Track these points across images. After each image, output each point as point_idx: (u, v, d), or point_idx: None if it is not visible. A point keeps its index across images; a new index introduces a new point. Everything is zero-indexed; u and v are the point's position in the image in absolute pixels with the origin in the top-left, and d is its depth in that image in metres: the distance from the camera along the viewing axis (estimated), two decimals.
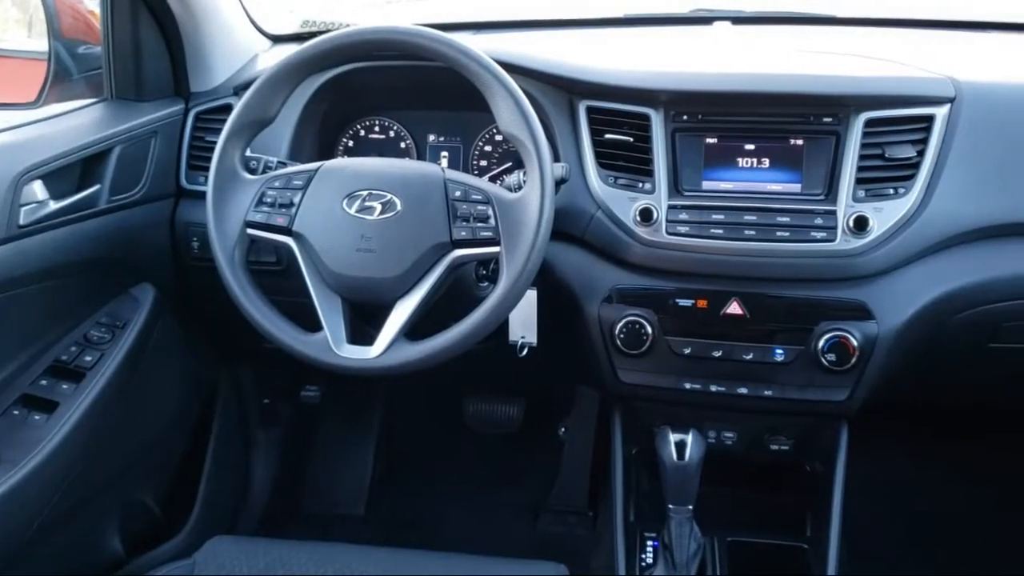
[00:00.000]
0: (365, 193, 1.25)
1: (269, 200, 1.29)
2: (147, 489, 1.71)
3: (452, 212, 1.23)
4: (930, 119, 1.37)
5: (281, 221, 1.27)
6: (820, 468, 1.53)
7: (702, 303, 1.39)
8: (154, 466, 1.72)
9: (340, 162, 1.34)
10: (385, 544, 1.28)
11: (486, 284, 1.40)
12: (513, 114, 1.22)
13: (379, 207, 1.24)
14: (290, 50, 1.31)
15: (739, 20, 1.86)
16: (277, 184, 1.29)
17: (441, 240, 1.22)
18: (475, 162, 1.64)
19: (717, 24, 1.86)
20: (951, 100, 1.38)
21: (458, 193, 1.24)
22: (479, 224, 1.22)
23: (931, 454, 2.07)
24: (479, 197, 1.23)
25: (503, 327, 1.43)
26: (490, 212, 1.22)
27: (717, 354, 1.40)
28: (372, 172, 1.28)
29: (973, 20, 1.89)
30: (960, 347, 1.44)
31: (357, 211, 1.25)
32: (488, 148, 1.63)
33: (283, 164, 1.38)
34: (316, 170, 1.30)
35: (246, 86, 1.36)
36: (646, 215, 1.37)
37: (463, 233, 1.22)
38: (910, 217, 1.34)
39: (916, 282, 1.37)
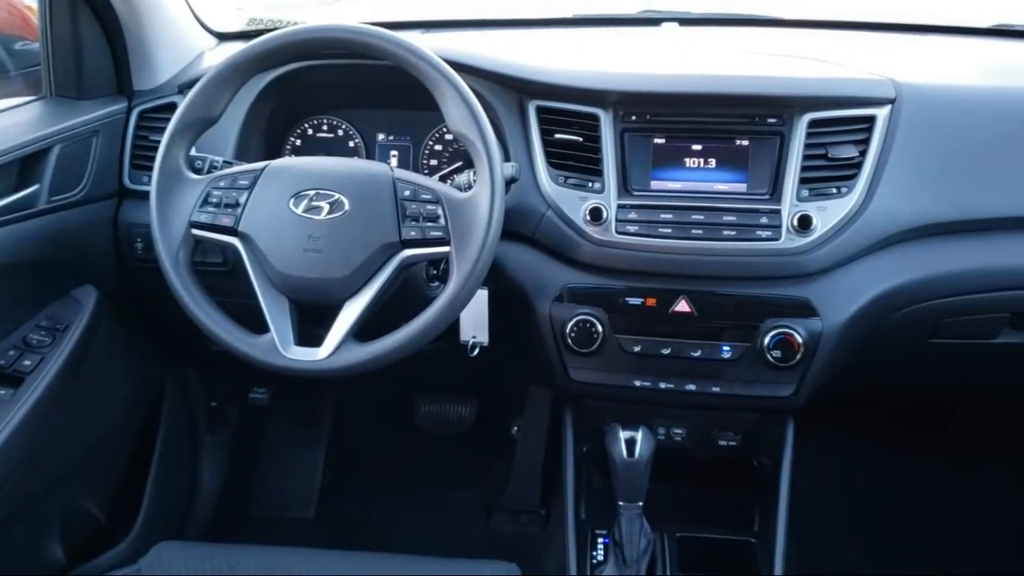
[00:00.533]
0: (312, 193, 1.24)
1: (214, 200, 1.27)
2: (90, 495, 1.68)
3: (401, 212, 1.22)
4: (871, 120, 1.40)
5: (227, 221, 1.26)
6: (767, 463, 1.55)
7: (651, 302, 1.41)
8: (97, 472, 1.69)
9: (287, 161, 1.32)
10: (336, 547, 1.27)
11: (436, 284, 1.40)
12: (462, 113, 1.21)
13: (327, 207, 1.23)
14: (236, 48, 1.29)
15: (686, 21, 1.88)
16: (222, 184, 1.28)
17: (390, 240, 1.22)
18: (425, 161, 1.64)
19: (665, 25, 1.88)
20: (892, 101, 1.41)
21: (407, 192, 1.23)
22: (429, 224, 1.22)
23: (875, 448, 2.12)
24: (428, 196, 1.23)
25: (454, 327, 1.43)
26: (440, 212, 1.22)
27: (666, 352, 1.42)
28: (319, 171, 1.27)
29: (914, 23, 1.93)
30: (901, 343, 1.47)
31: (304, 211, 1.24)
32: (438, 147, 1.63)
33: (229, 164, 1.36)
34: (262, 169, 1.28)
35: (191, 84, 1.34)
36: (596, 215, 1.38)
37: (412, 233, 1.22)
38: (852, 216, 1.37)
39: (859, 280, 1.40)
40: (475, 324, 1.45)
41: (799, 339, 1.37)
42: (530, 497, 2.07)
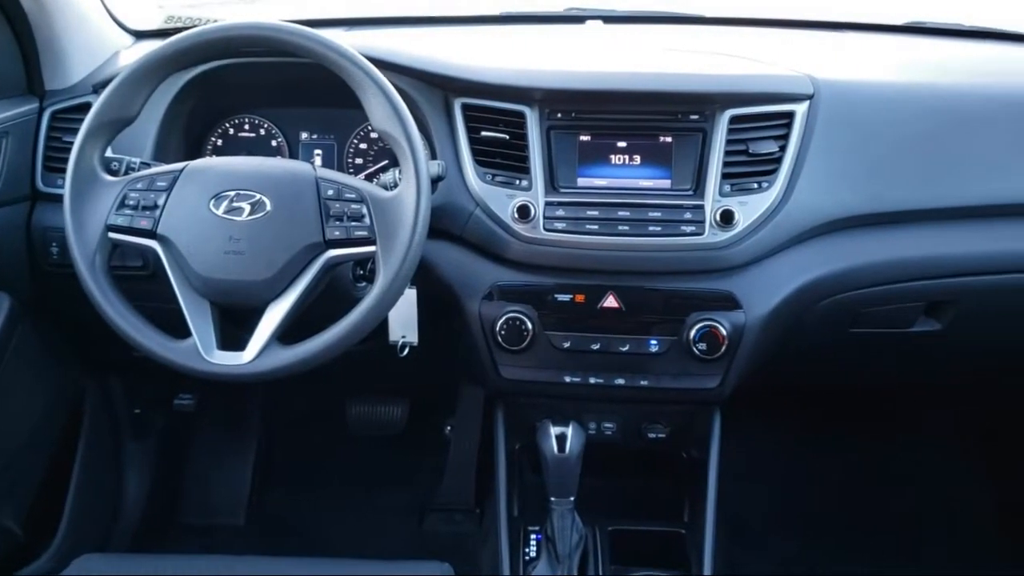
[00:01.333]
0: (233, 193, 1.22)
1: (132, 202, 1.24)
2: (6, 509, 1.62)
3: (325, 211, 1.21)
4: (790, 116, 1.42)
5: (145, 224, 1.23)
6: (696, 454, 1.58)
7: (580, 298, 1.41)
8: (14, 484, 1.63)
9: (206, 162, 1.30)
10: (267, 552, 1.25)
11: (364, 284, 1.38)
12: (385, 111, 1.21)
13: (248, 207, 1.21)
14: (153, 47, 1.26)
15: (610, 19, 1.90)
16: (140, 186, 1.25)
17: (314, 240, 1.20)
18: (350, 160, 1.62)
19: (590, 23, 1.89)
20: (809, 97, 1.44)
21: (331, 192, 1.22)
22: (353, 223, 1.20)
23: (801, 436, 2.17)
24: (353, 196, 1.21)
25: (383, 327, 1.41)
26: (365, 211, 1.21)
27: (595, 347, 1.43)
28: (240, 171, 1.24)
29: (831, 20, 1.98)
30: (822, 333, 1.50)
31: (225, 212, 1.21)
32: (363, 146, 1.61)
33: (147, 165, 1.33)
34: (181, 170, 1.25)
35: (105, 84, 1.30)
36: (524, 212, 1.38)
37: (337, 233, 1.20)
38: (773, 210, 1.40)
39: (780, 272, 1.43)
40: (404, 324, 1.44)
41: (723, 332, 1.39)
42: (464, 496, 2.07)
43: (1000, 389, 2.03)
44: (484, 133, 1.43)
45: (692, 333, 1.40)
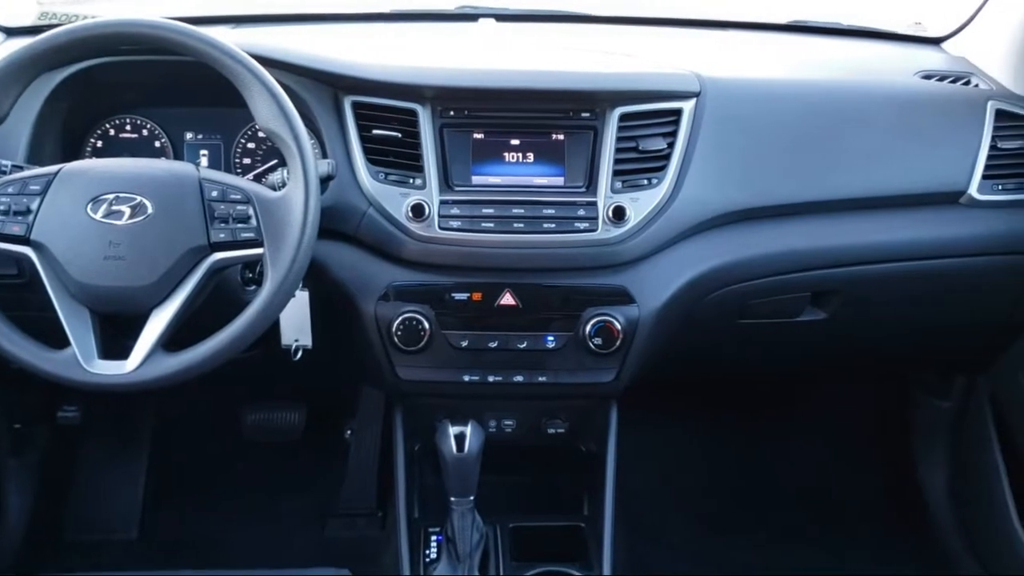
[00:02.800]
0: (112, 197, 1.17)
1: (2, 207, 1.18)
2: None
3: (209, 213, 1.17)
4: (678, 113, 1.45)
5: (17, 230, 1.17)
6: (594, 447, 1.59)
7: (477, 296, 1.41)
8: None
9: (83, 164, 1.24)
10: (162, 567, 1.21)
11: (253, 288, 1.35)
12: (271, 109, 1.18)
13: (128, 211, 1.17)
14: (25, 43, 1.20)
15: (503, 17, 1.90)
16: (11, 190, 1.19)
17: (198, 244, 1.17)
18: (238, 160, 1.57)
19: (482, 21, 1.89)
20: (696, 95, 1.47)
21: (215, 193, 1.18)
22: (239, 225, 1.17)
23: (697, 426, 2.22)
24: (238, 196, 1.18)
25: (275, 331, 1.38)
26: (251, 212, 1.18)
27: (493, 345, 1.43)
28: (119, 174, 1.20)
29: (717, 19, 2.04)
30: (713, 324, 1.54)
31: (103, 216, 1.16)
32: (251, 145, 1.57)
33: (19, 168, 1.27)
34: (56, 173, 1.20)
35: None
36: (418, 211, 1.37)
37: (222, 235, 1.17)
38: (663, 206, 1.42)
39: (672, 266, 1.45)
40: (296, 327, 1.41)
41: (618, 326, 1.41)
42: (366, 500, 2.04)
43: (882, 374, 2.12)
44: (376, 131, 1.41)
45: (588, 328, 1.41)
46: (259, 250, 1.17)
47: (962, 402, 1.94)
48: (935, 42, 1.90)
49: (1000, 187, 1.55)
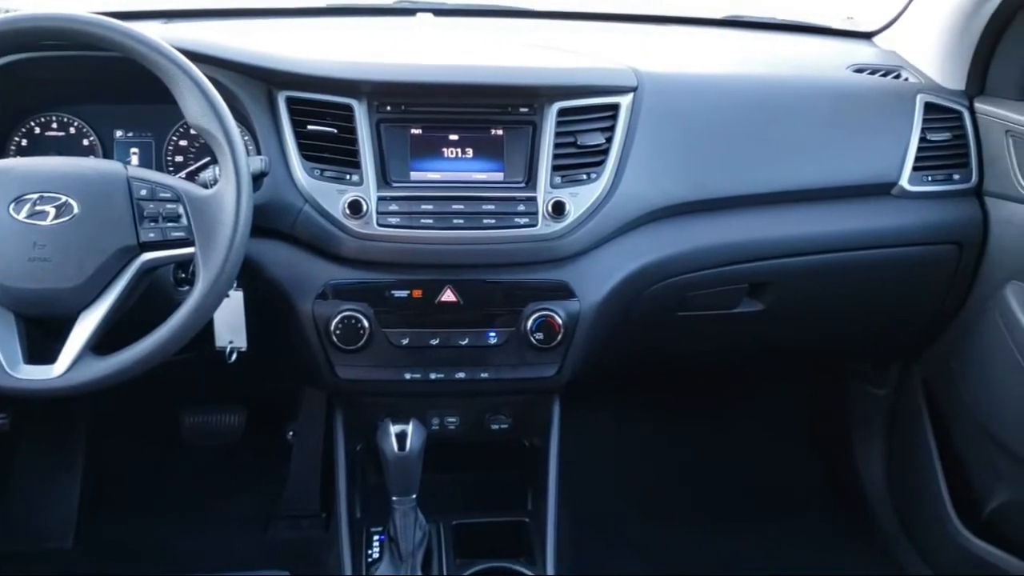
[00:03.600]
0: (35, 196, 1.13)
1: None
2: None
3: (138, 212, 1.14)
4: (616, 107, 1.46)
5: None
6: (538, 442, 1.59)
7: (417, 293, 1.40)
8: None
9: (5, 163, 1.20)
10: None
11: (187, 288, 1.31)
12: (200, 105, 1.15)
13: (53, 211, 1.13)
14: None
15: (441, 12, 1.89)
16: None
17: (127, 244, 1.14)
18: (170, 158, 1.54)
19: (420, 16, 1.88)
20: (633, 89, 1.48)
21: (144, 192, 1.15)
22: (169, 224, 1.15)
23: (641, 419, 2.23)
24: (168, 195, 1.16)
25: (209, 333, 1.35)
26: (181, 210, 1.15)
27: (434, 342, 1.42)
28: (43, 173, 1.16)
29: (654, 14, 2.05)
30: (653, 317, 1.55)
31: (27, 216, 1.13)
32: (183, 143, 1.53)
33: None
34: None
35: None
36: (355, 207, 1.35)
37: (152, 235, 1.14)
38: (602, 200, 1.43)
39: (611, 261, 1.46)
40: (231, 328, 1.38)
41: (559, 320, 1.41)
42: (309, 501, 2.01)
43: (819, 363, 2.16)
44: (311, 127, 1.39)
45: (529, 323, 1.41)
46: (190, 249, 1.15)
47: (896, 389, 1.98)
48: (867, 36, 1.94)
49: (929, 178, 1.59)
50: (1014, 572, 1.64)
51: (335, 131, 1.39)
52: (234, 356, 1.40)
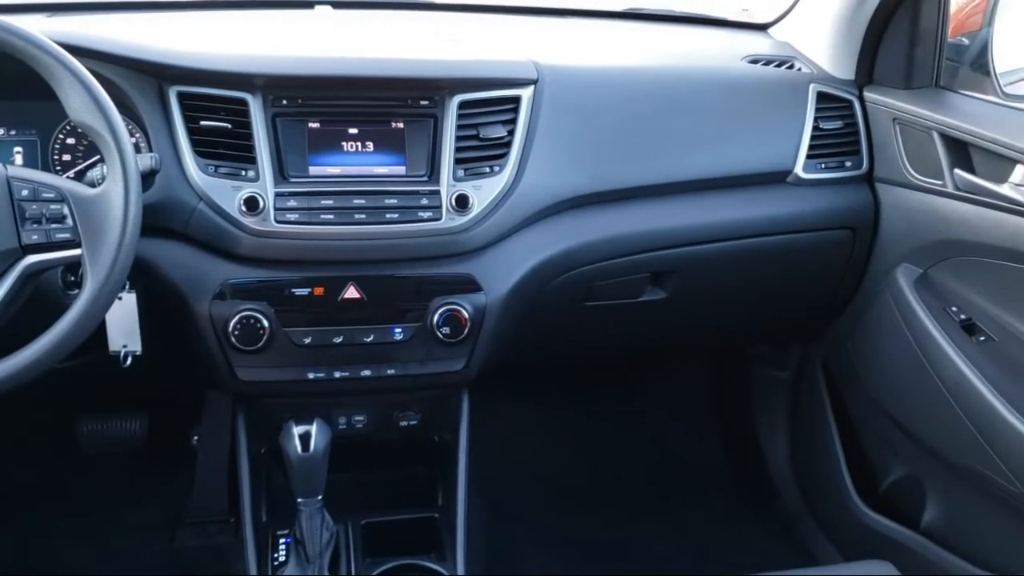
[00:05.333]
0: None
1: None
2: None
3: (20, 214, 1.09)
4: (516, 100, 1.46)
5: None
6: (447, 437, 1.58)
7: (319, 291, 1.38)
8: None
9: None
10: None
11: (76, 291, 1.26)
12: (83, 101, 1.11)
13: None
14: None
15: (340, 4, 1.86)
16: None
17: (8, 246, 1.08)
18: (56, 157, 1.47)
19: (319, 8, 1.85)
20: (534, 82, 1.48)
21: (25, 192, 1.10)
22: (54, 225, 1.10)
23: (551, 409, 2.25)
24: (51, 195, 1.10)
25: (101, 337, 1.30)
26: (66, 211, 1.10)
27: (338, 340, 1.40)
28: None
29: (555, 7, 2.07)
30: (560, 308, 1.56)
31: None
32: (71, 141, 1.47)
33: None
34: None
35: None
36: (252, 204, 1.32)
37: (35, 237, 1.09)
38: (506, 193, 1.43)
39: (517, 253, 1.46)
40: (124, 331, 1.33)
41: (466, 314, 1.40)
42: (217, 506, 1.96)
43: (723, 348, 2.21)
44: (204, 123, 1.35)
45: (435, 318, 1.40)
46: (77, 251, 1.10)
47: (797, 372, 2.04)
48: (762, 28, 1.98)
49: (823, 166, 1.64)
50: (908, 543, 1.70)
51: (229, 126, 1.35)
52: (129, 360, 1.35)
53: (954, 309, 1.54)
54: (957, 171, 1.48)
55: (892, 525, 1.76)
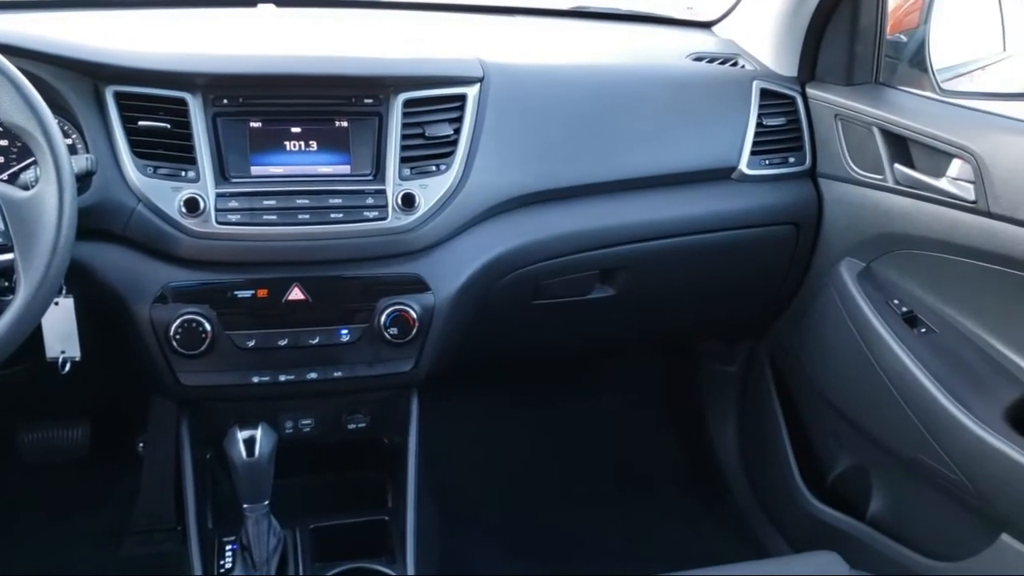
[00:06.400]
0: None
1: None
2: None
3: None
4: (462, 98, 1.45)
5: None
6: (397, 439, 1.57)
7: (262, 293, 1.35)
8: None
9: None
10: None
11: (10, 297, 1.23)
12: (13, 101, 1.07)
13: None
14: None
15: (283, 2, 1.84)
16: None
17: None
18: None
19: (261, 6, 1.82)
20: (480, 80, 1.47)
21: None
22: None
23: (504, 409, 2.24)
24: None
25: (37, 343, 1.27)
26: None
27: (283, 343, 1.38)
28: None
29: (501, 6, 2.06)
30: (509, 307, 1.56)
31: None
32: (3, 142, 1.42)
33: None
34: None
35: None
36: (192, 205, 1.30)
37: None
38: (453, 192, 1.42)
39: (465, 252, 1.45)
40: (62, 337, 1.29)
41: (414, 314, 1.39)
42: (164, 514, 1.92)
43: (673, 344, 2.23)
44: (142, 123, 1.32)
45: (383, 319, 1.39)
46: (8, 255, 1.07)
47: (745, 367, 2.07)
48: (706, 26, 2.00)
49: (767, 162, 1.66)
50: (855, 534, 1.73)
51: (168, 126, 1.33)
52: (68, 366, 1.32)
53: (896, 302, 1.57)
54: (897, 166, 1.51)
55: (839, 516, 1.79)
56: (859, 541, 1.72)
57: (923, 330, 1.53)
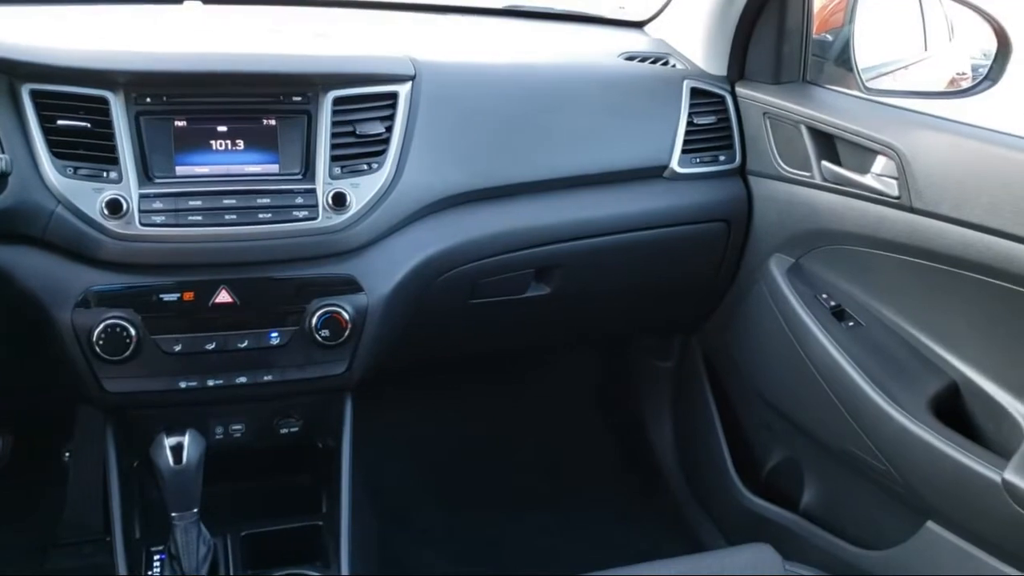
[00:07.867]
0: None
1: None
2: None
3: None
4: (394, 96, 1.44)
5: None
6: (331, 443, 1.55)
7: (189, 296, 1.32)
8: None
9: None
10: None
11: None
12: None
13: None
14: None
15: (210, 0, 1.80)
16: None
17: None
18: None
19: (187, 3, 1.78)
20: (412, 78, 1.46)
21: None
22: None
23: (441, 409, 2.23)
24: None
25: None
26: None
27: (211, 347, 1.34)
28: None
29: (434, 4, 2.05)
30: (445, 307, 1.55)
31: None
32: None
33: None
34: None
35: None
36: (114, 207, 1.26)
37: None
38: (385, 191, 1.40)
39: (398, 252, 1.44)
40: None
41: (346, 316, 1.37)
42: (93, 525, 1.87)
43: (609, 340, 2.24)
44: (61, 122, 1.28)
45: (314, 321, 1.36)
46: None
47: (680, 362, 2.09)
48: (638, 26, 2.01)
49: (697, 160, 1.67)
50: (789, 525, 1.76)
51: (88, 126, 1.29)
52: None
53: (824, 296, 1.60)
54: (824, 163, 1.53)
55: (773, 508, 1.82)
56: (792, 532, 1.75)
57: (851, 323, 1.56)
